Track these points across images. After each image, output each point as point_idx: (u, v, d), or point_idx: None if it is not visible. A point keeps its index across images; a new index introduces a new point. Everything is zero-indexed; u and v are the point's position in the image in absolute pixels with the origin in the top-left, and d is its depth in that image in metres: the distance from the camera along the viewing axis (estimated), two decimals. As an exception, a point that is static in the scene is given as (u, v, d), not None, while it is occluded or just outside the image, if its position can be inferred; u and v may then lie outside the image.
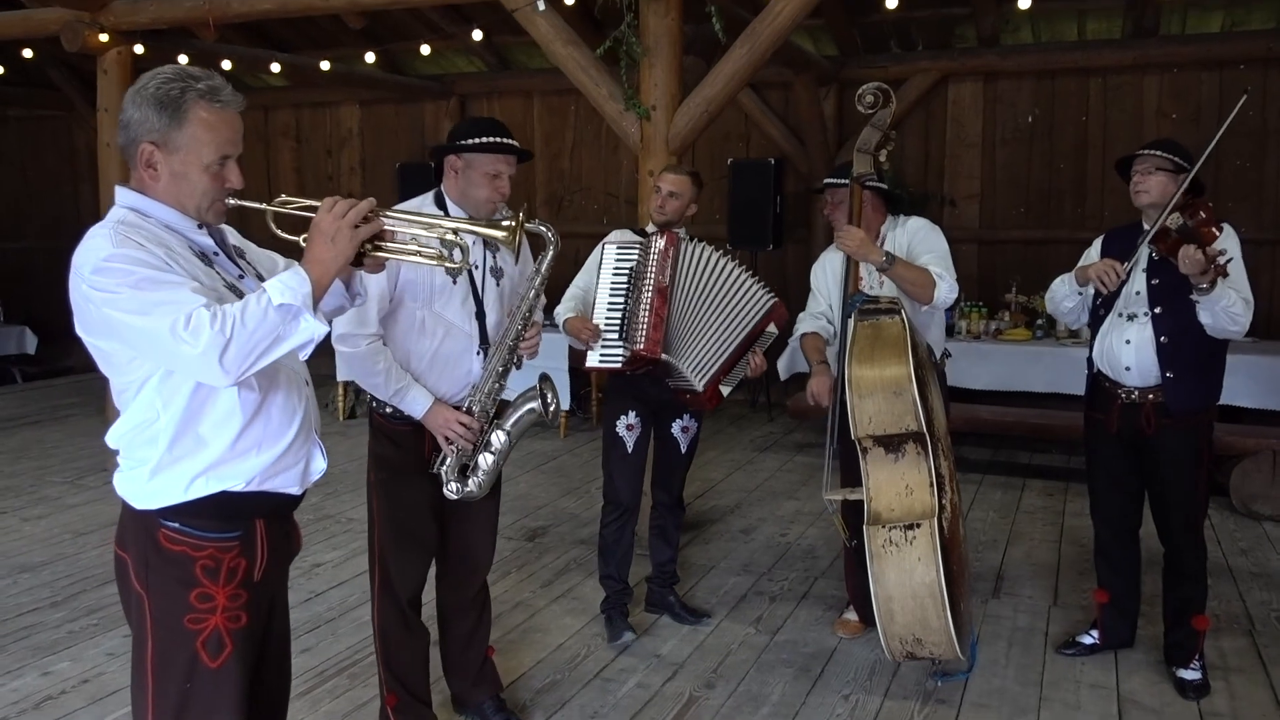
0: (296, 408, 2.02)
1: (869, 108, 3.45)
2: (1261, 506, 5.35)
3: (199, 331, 1.72)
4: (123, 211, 1.90)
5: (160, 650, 1.92)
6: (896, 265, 3.43)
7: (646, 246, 3.66)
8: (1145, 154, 3.40)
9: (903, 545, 3.11)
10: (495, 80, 9.20)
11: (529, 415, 2.83)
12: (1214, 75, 7.24)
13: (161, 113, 1.86)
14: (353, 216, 1.84)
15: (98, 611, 4.17)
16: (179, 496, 1.90)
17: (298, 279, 1.80)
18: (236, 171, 1.95)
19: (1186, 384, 3.36)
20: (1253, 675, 3.57)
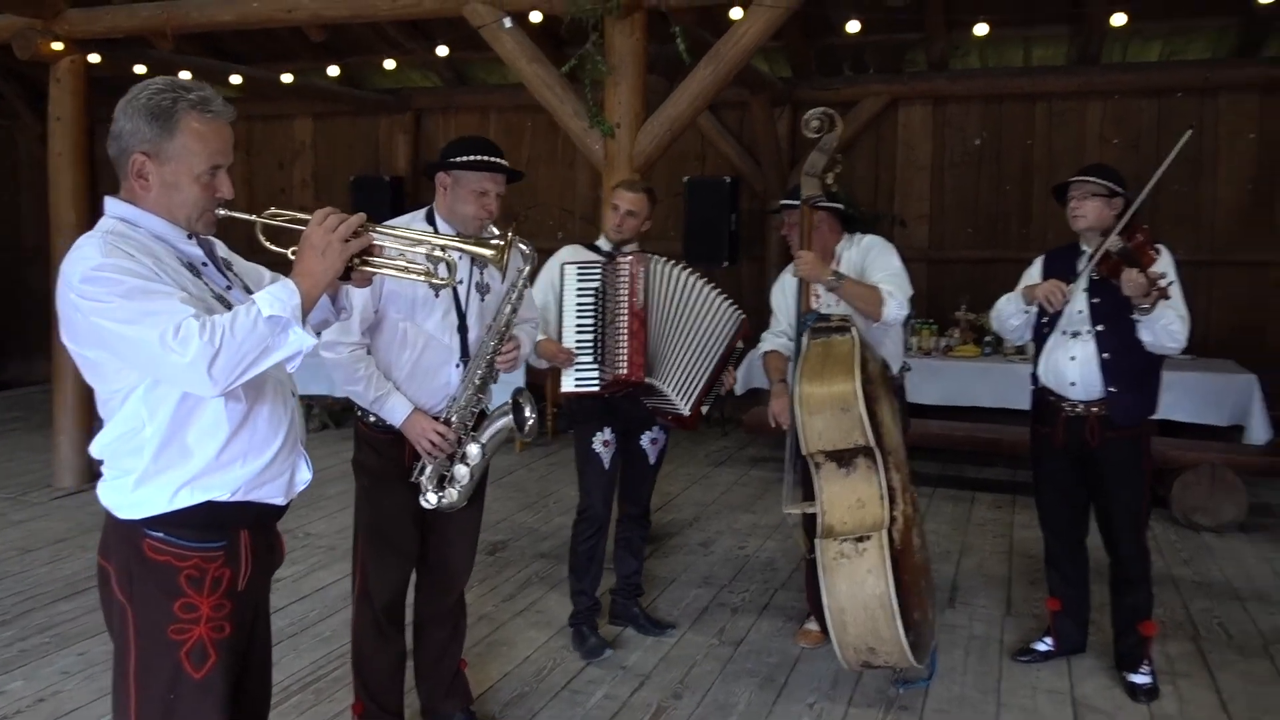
0: (282, 419, 2.03)
1: (815, 132, 3.54)
2: (1201, 518, 5.54)
3: (188, 341, 1.72)
4: (112, 221, 1.92)
5: (143, 660, 1.91)
6: (845, 284, 3.52)
7: (613, 267, 3.68)
8: (1080, 180, 3.57)
9: (853, 557, 3.17)
10: (452, 95, 9.21)
11: (504, 426, 2.86)
12: (1153, 102, 7.50)
13: (153, 123, 1.88)
14: (343, 230, 1.86)
15: (50, 629, 4.09)
16: (164, 506, 1.90)
17: (287, 291, 1.81)
18: (227, 182, 1.96)
19: (1128, 397, 3.52)
20: (1199, 679, 3.70)
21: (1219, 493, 5.51)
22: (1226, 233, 7.43)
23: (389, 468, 2.91)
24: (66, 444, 6.24)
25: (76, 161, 6.17)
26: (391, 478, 2.90)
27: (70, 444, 6.23)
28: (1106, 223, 3.53)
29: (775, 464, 7.03)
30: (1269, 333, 7.38)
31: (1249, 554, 5.14)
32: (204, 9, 5.80)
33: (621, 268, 3.67)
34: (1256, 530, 5.51)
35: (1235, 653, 3.93)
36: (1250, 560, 5.04)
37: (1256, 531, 5.50)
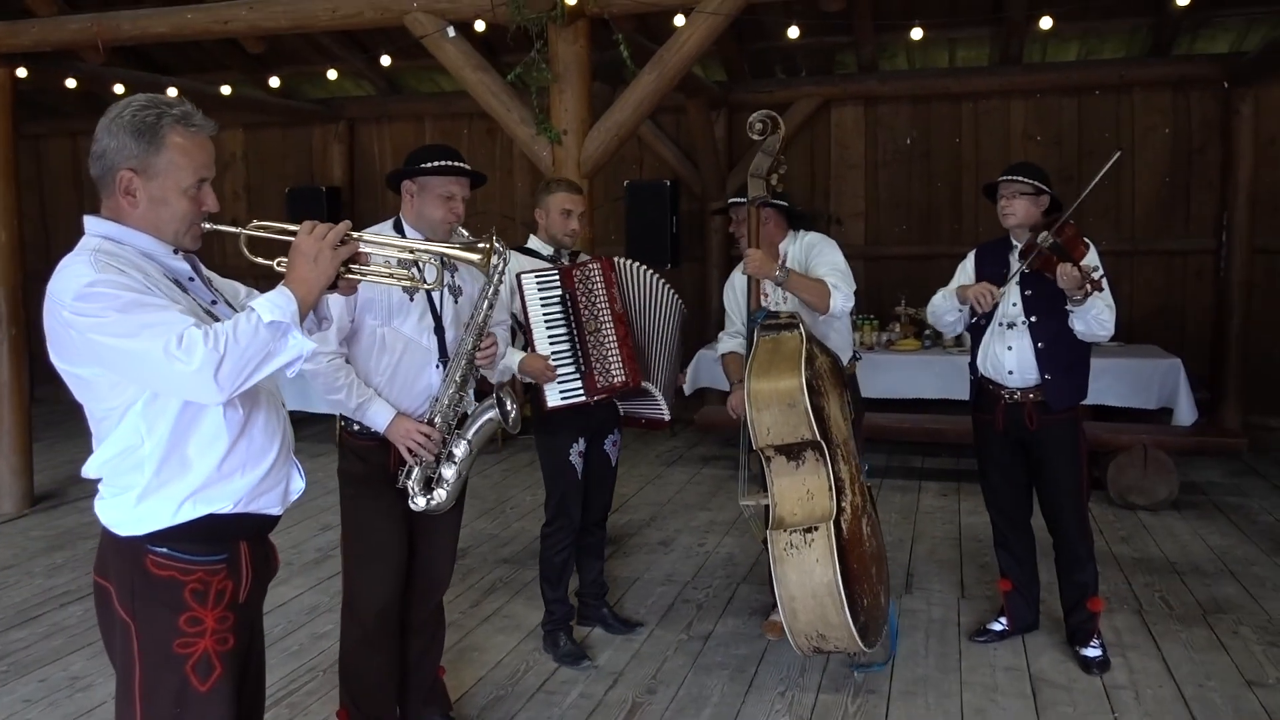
0: (276, 428, 2.06)
1: (759, 134, 3.64)
2: (1136, 497, 5.78)
3: (193, 349, 1.74)
4: (97, 240, 1.92)
5: (148, 677, 1.92)
6: (791, 278, 3.63)
7: (580, 273, 3.70)
8: (1007, 180, 3.75)
9: (802, 548, 3.27)
10: (385, 104, 9.15)
11: (488, 424, 2.90)
12: (1073, 100, 7.79)
13: (139, 139, 1.90)
14: (332, 238, 1.91)
15: (5, 658, 4.00)
16: (167, 521, 1.91)
17: (284, 298, 1.85)
18: (212, 195, 2.00)
19: (1062, 383, 3.72)
20: (1146, 649, 3.88)
21: (1152, 473, 5.76)
22: (1145, 224, 7.74)
23: (375, 474, 2.92)
24: (5, 469, 6.06)
25: (5, 177, 6.00)
26: (378, 484, 2.92)
27: (9, 468, 6.06)
28: (1034, 219, 3.72)
29: (726, 462, 7.14)
30: (1188, 318, 7.71)
31: (1183, 530, 5.38)
32: (136, 21, 5.70)
33: (593, 273, 3.71)
34: (1188, 508, 5.77)
35: (1177, 623, 4.12)
36: (1185, 536, 5.28)
37: (1188, 509, 5.75)
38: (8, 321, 6.03)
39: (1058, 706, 3.43)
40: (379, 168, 9.25)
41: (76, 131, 9.89)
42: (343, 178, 9.25)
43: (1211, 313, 7.62)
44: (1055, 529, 3.84)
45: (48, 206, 10.04)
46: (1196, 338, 7.63)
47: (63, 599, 4.63)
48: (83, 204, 10.00)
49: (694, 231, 8.47)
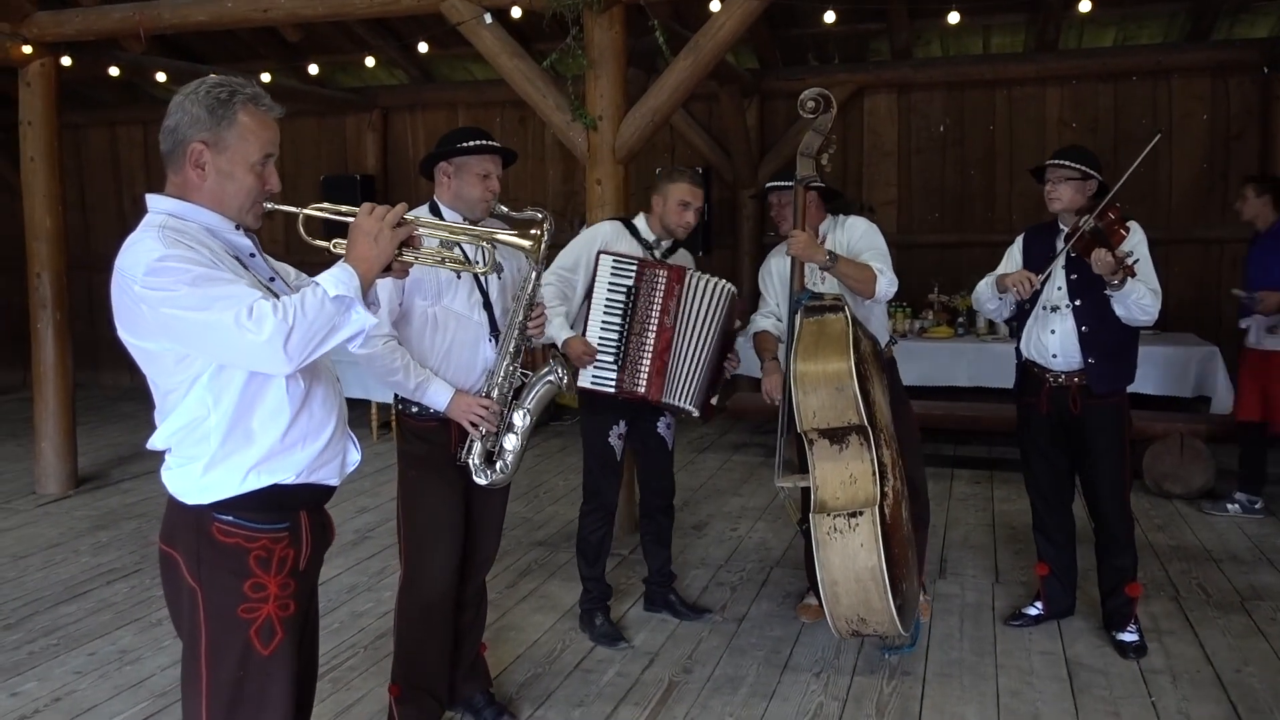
0: (334, 402, 2.12)
1: (810, 113, 3.63)
2: (1172, 486, 5.75)
3: (263, 320, 1.80)
4: (161, 217, 1.96)
5: (214, 641, 1.97)
6: (840, 263, 3.63)
7: (651, 273, 3.69)
8: (1055, 164, 3.73)
9: (846, 532, 3.28)
10: (419, 93, 9.22)
11: (547, 389, 2.96)
12: (1109, 86, 7.73)
13: (212, 114, 1.97)
14: (392, 218, 1.97)
15: (55, 632, 4.09)
16: (232, 490, 1.96)
17: (347, 274, 1.90)
18: (275, 175, 2.06)
19: (1106, 367, 3.71)
20: (1183, 635, 3.87)
21: (1188, 462, 5.72)
22: (1182, 211, 7.67)
23: (438, 454, 2.98)
24: (50, 451, 6.19)
25: (49, 166, 6.11)
26: (442, 464, 2.98)
27: (54, 450, 6.18)
28: (1080, 204, 3.71)
29: (757, 449, 7.16)
30: (1224, 307, 7.63)
31: (1219, 519, 5.34)
32: (176, 9, 5.77)
33: (659, 278, 3.70)
34: (1224, 497, 5.72)
35: (1215, 610, 4.11)
36: (1221, 524, 5.25)
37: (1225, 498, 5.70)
38: (53, 306, 6.14)
39: (1094, 690, 3.44)
40: (412, 156, 9.32)
41: (115, 121, 10.05)
42: (376, 166, 9.33)
43: (1249, 301, 7.53)
44: (1096, 513, 3.83)
45: (87, 196, 10.19)
46: (1232, 326, 7.51)
47: (109, 576, 4.73)
48: (121, 194, 10.17)
49: (726, 219, 8.48)
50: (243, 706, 1.98)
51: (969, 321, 6.84)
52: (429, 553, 3.00)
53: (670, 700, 3.43)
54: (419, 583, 3.02)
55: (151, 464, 2.09)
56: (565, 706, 3.40)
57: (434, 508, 3.00)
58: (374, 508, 5.78)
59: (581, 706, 3.40)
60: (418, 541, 3.02)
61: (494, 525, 3.19)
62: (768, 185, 4.02)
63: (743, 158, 8.21)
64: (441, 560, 3.01)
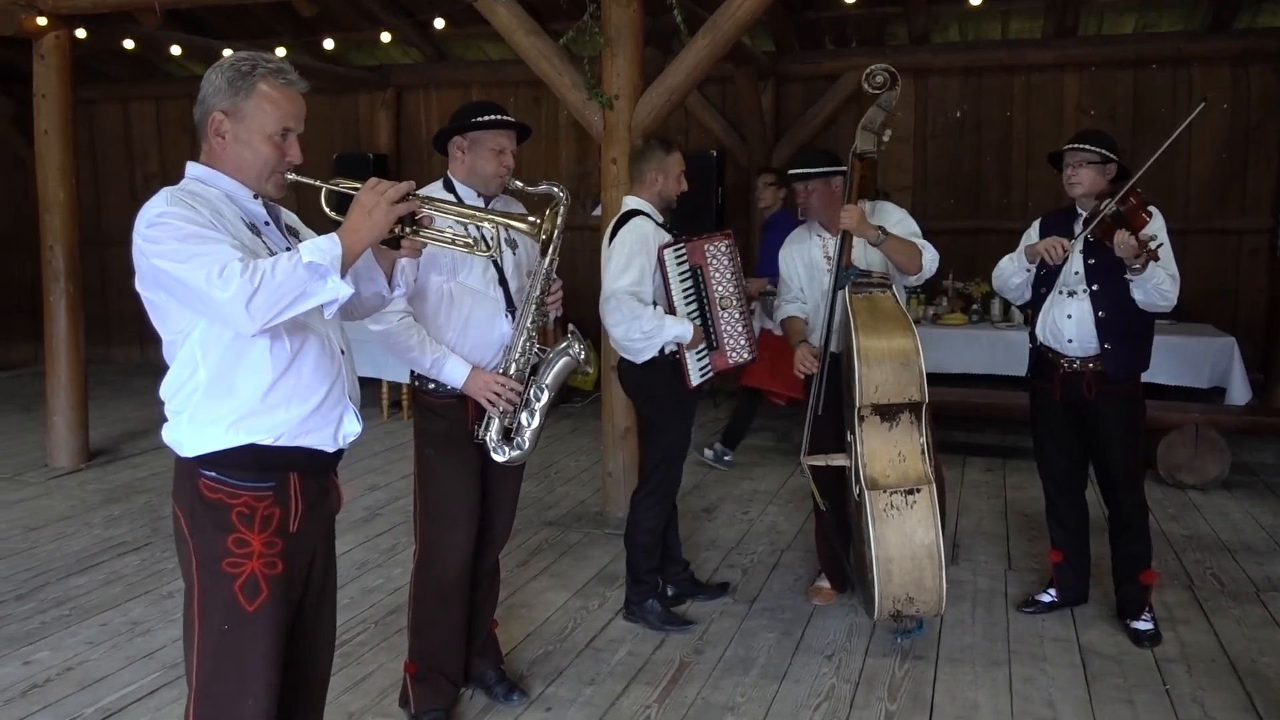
0: (329, 371, 2.13)
1: (877, 88, 3.61)
2: (1186, 476, 5.71)
3: (230, 279, 1.85)
4: (188, 180, 2.08)
5: (205, 592, 2.04)
6: (889, 239, 3.60)
7: (712, 247, 3.73)
8: (1075, 148, 3.68)
9: (903, 509, 3.29)
10: (432, 71, 9.17)
11: (564, 366, 2.94)
12: (1128, 74, 7.65)
13: (232, 84, 2.04)
14: (391, 194, 1.99)
15: (67, 602, 4.10)
16: (212, 445, 2.01)
17: (329, 242, 1.94)
18: (296, 147, 2.11)
19: (1122, 353, 3.68)
20: (1197, 625, 3.85)
21: (1203, 452, 5.68)
22: (1200, 202, 7.60)
23: (456, 432, 2.97)
24: (61, 424, 6.20)
25: (63, 139, 6.09)
26: (460, 442, 2.97)
27: (65, 424, 6.19)
28: (1100, 188, 3.67)
29: (767, 433, 7.14)
30: (1241, 298, 7.58)
31: (1234, 509, 5.31)
32: (192, -18, 5.75)
33: (720, 245, 3.74)
34: (1239, 487, 5.69)
35: (1229, 600, 4.08)
36: (1235, 515, 5.22)
37: (1239, 489, 5.68)
38: (65, 279, 6.13)
39: (1107, 678, 3.42)
40: (426, 135, 9.28)
41: (128, 97, 10.02)
42: (389, 145, 9.29)
43: (1266, 293, 7.48)
44: (1110, 500, 3.81)
45: (99, 171, 10.17)
46: (1250, 318, 7.49)
47: (120, 549, 4.74)
48: (134, 170, 10.15)
49: (740, 202, 8.43)
50: (228, 659, 2.03)
51: (983, 309, 6.79)
52: (445, 530, 2.99)
53: (681, 680, 3.42)
54: (435, 560, 3.01)
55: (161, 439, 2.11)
56: (576, 684, 3.39)
57: (451, 486, 2.98)
58: (384, 485, 5.78)
59: (593, 685, 3.39)
60: (434, 519, 3.00)
61: (509, 503, 3.18)
62: (797, 170, 3.88)
63: (757, 141, 8.16)
64: (458, 538, 2.99)
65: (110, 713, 3.21)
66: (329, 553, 2.27)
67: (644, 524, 3.86)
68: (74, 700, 3.30)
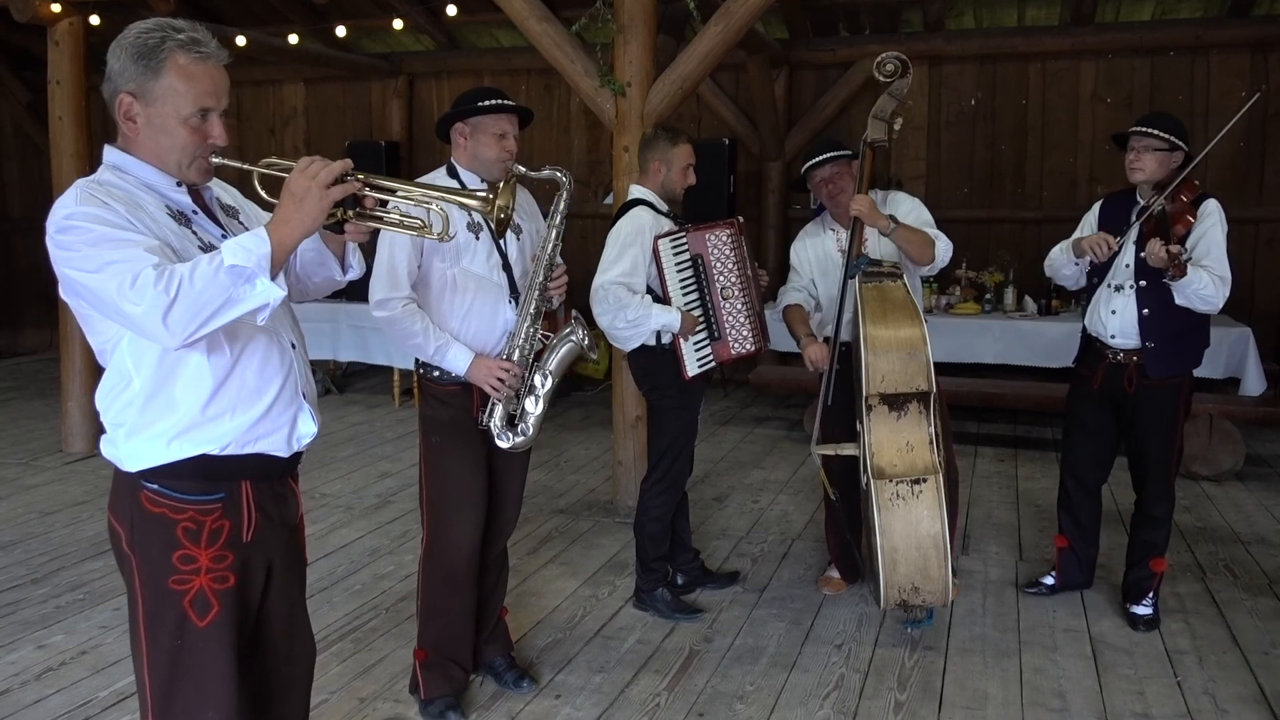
0: (277, 371, 1.97)
1: (888, 76, 3.58)
2: (1200, 468, 5.68)
3: (143, 291, 1.66)
4: (103, 169, 1.87)
5: (150, 610, 1.90)
6: (900, 229, 3.59)
7: (703, 235, 3.69)
8: (1142, 132, 3.52)
9: (909, 499, 3.29)
10: (445, 59, 9.16)
11: (568, 352, 2.94)
12: (1146, 62, 7.58)
13: (139, 62, 1.81)
14: (325, 176, 1.74)
15: (81, 586, 4.13)
16: (155, 459, 1.87)
17: (255, 240, 1.72)
18: (219, 127, 1.88)
19: (1164, 351, 3.58)
20: (1209, 616, 3.83)
21: (1217, 443, 5.65)
22: (1217, 190, 7.39)
23: (461, 419, 2.97)
24: (76, 410, 6.23)
25: (77, 126, 6.12)
26: (464, 429, 2.97)
27: (80, 410, 6.22)
28: (1162, 176, 3.52)
29: (778, 422, 7.13)
30: (1258, 288, 7.52)
31: (1247, 501, 5.29)
32: (205, -31, 5.75)
33: (723, 235, 3.72)
34: (1253, 479, 5.66)
35: (1242, 591, 4.06)
36: (1249, 507, 5.19)
37: (1253, 480, 5.64)
38: (79, 266, 6.15)
39: (1119, 669, 3.41)
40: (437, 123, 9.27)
41: (142, 83, 10.02)
42: (401, 133, 9.29)
43: (1283, 283, 7.43)
44: (1140, 486, 3.77)
45: (113, 157, 10.19)
46: (1266, 308, 7.43)
47: (133, 535, 4.76)
48: (147, 155, 10.16)
49: (751, 191, 8.41)
50: (183, 675, 1.91)
51: (996, 298, 6.76)
52: (453, 518, 3.00)
53: (691, 669, 3.43)
54: (443, 548, 3.02)
55: None
56: (586, 672, 3.40)
57: (457, 473, 2.99)
58: (395, 473, 5.79)
59: (602, 673, 3.40)
60: (441, 507, 3.01)
61: (516, 490, 3.19)
62: (820, 158, 3.83)
63: (769, 129, 8.13)
64: (465, 525, 3.00)
65: (124, 696, 3.23)
66: (295, 561, 2.13)
67: (652, 512, 3.86)
68: (88, 684, 3.32)
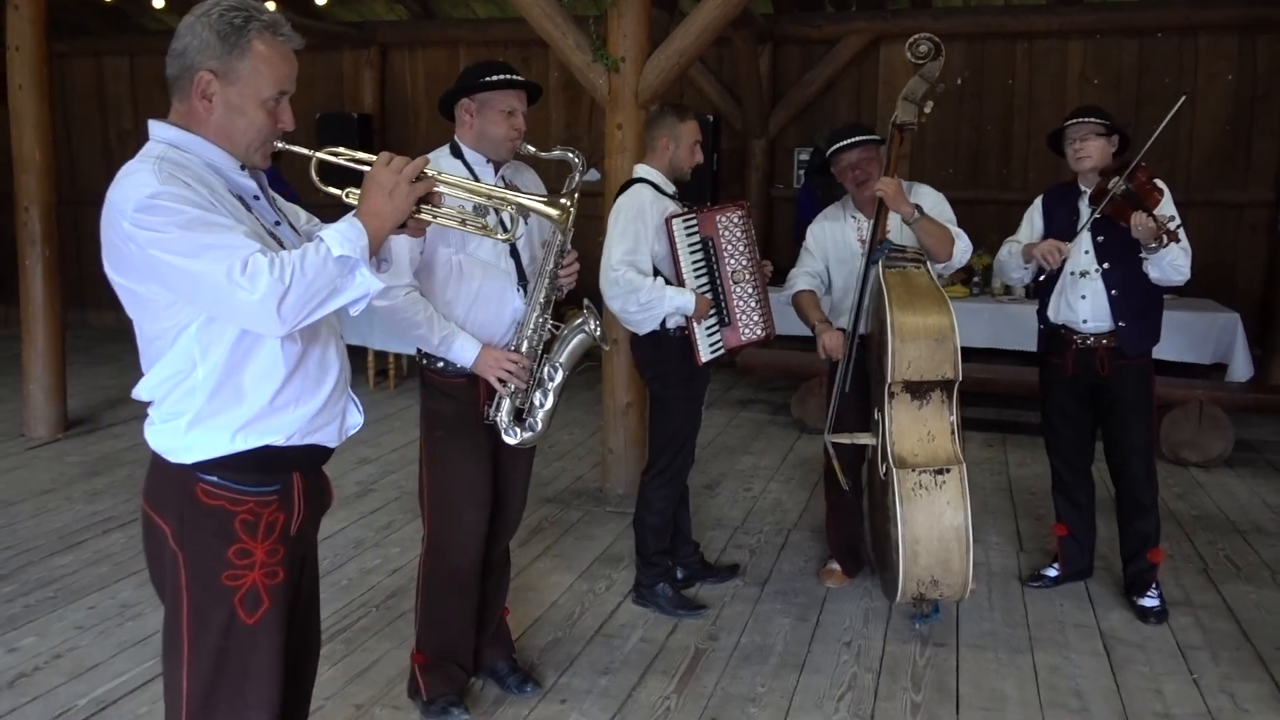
0: (333, 361, 1.97)
1: (921, 58, 3.47)
2: (1189, 453, 5.66)
3: (257, 277, 1.64)
4: (161, 147, 1.79)
5: (196, 608, 1.84)
6: (923, 219, 3.47)
7: (713, 217, 3.57)
8: (1081, 121, 3.62)
9: (932, 489, 3.21)
10: (419, 30, 8.89)
11: (579, 343, 2.80)
12: (1134, 42, 7.52)
13: (224, 40, 1.78)
14: (410, 172, 1.80)
15: (52, 583, 3.94)
16: (219, 450, 1.82)
17: (355, 231, 1.74)
18: (289, 112, 1.89)
19: (1137, 329, 3.67)
20: (1216, 609, 3.79)
21: (1206, 429, 5.63)
22: (1202, 173, 7.51)
23: (465, 413, 2.82)
24: (39, 392, 5.97)
25: (39, 95, 5.82)
26: (469, 424, 2.82)
27: (43, 392, 5.97)
28: (1107, 162, 3.62)
29: (763, 405, 7.04)
30: (1239, 273, 7.52)
31: (1239, 488, 5.27)
32: (173, -68, 5.47)
33: (734, 216, 3.60)
34: (1241, 465, 5.66)
35: (1245, 583, 4.02)
36: (1242, 494, 5.17)
37: (1242, 467, 5.64)
38: (42, 242, 5.89)
39: (1133, 666, 3.35)
40: (410, 96, 9.03)
41: (101, 51, 9.67)
42: (374, 105, 9.02)
43: (1264, 267, 7.43)
44: (1120, 476, 3.78)
45: (72, 128, 9.83)
46: (1247, 292, 7.43)
47: (105, 525, 4.56)
48: (107, 126, 9.82)
49: (734, 169, 8.28)
50: (226, 678, 1.85)
51: (984, 281, 6.69)
52: (456, 517, 2.86)
53: (698, 669, 3.32)
54: (445, 548, 2.87)
55: (142, 408, 1.92)
56: (590, 674, 3.28)
57: (462, 470, 2.84)
58: (375, 459, 5.63)
59: (607, 674, 3.28)
60: (444, 505, 2.86)
61: (521, 487, 3.05)
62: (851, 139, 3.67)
63: (754, 106, 7.98)
64: (470, 525, 2.86)
65: (105, 704, 3.07)
66: (315, 554, 2.12)
67: (654, 505, 3.74)
68: (66, 690, 3.15)
